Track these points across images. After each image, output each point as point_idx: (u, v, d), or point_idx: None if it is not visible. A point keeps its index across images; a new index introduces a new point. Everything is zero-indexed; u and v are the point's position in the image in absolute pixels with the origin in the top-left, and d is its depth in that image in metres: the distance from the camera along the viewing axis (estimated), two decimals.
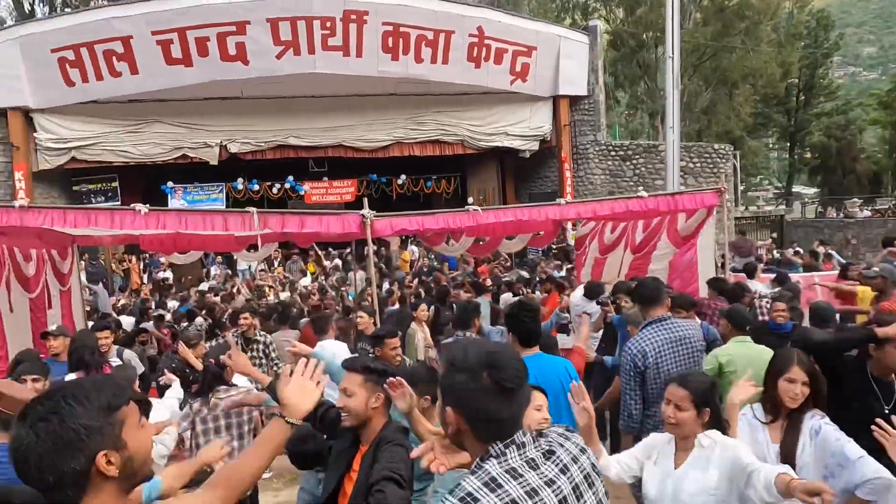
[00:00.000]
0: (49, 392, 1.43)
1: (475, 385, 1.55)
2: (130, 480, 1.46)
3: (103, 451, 1.37)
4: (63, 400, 1.37)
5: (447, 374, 1.62)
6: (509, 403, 1.57)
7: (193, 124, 16.85)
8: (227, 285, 14.69)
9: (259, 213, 6.42)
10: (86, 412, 1.37)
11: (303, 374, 1.91)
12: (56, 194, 17.12)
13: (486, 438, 1.58)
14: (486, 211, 7.31)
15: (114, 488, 1.41)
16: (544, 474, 1.55)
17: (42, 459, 1.33)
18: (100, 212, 6.30)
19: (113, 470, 1.38)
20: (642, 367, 3.93)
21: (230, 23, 14.84)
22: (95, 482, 1.38)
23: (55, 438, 1.33)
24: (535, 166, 19.64)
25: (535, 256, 16.42)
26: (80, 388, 1.41)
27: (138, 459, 1.45)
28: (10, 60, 15.02)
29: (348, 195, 18.56)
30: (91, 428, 1.36)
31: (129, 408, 1.46)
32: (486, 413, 1.56)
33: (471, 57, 16.76)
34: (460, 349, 1.64)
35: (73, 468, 1.34)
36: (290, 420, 1.84)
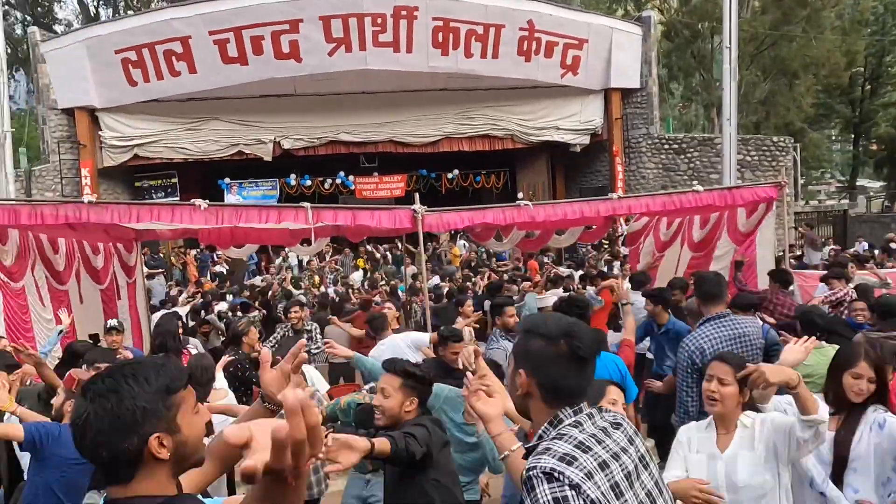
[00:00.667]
0: (111, 369, 1.43)
1: (551, 350, 1.63)
2: (181, 464, 1.45)
3: (157, 433, 1.37)
4: (123, 379, 1.37)
5: (524, 339, 1.70)
6: (581, 372, 1.65)
7: (248, 121, 17.27)
8: (277, 279, 15.02)
9: (313, 207, 6.57)
10: (143, 393, 1.36)
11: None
12: (119, 190, 17.80)
13: (553, 404, 1.65)
14: (537, 206, 7.28)
15: (165, 471, 1.41)
16: (617, 443, 1.62)
17: (98, 435, 1.35)
18: (162, 207, 6.54)
19: (165, 453, 1.38)
20: (700, 364, 3.86)
21: (284, 21, 15.14)
22: (147, 463, 1.38)
23: (112, 416, 1.34)
24: (585, 161, 19.40)
25: (586, 251, 16.23)
26: (141, 368, 1.41)
27: (190, 444, 1.44)
28: (77, 62, 15.70)
29: (398, 190, 18.71)
30: (147, 409, 1.36)
31: (185, 392, 1.45)
32: (558, 379, 1.64)
33: (521, 51, 16.66)
34: (540, 318, 1.73)
35: (127, 447, 1.35)
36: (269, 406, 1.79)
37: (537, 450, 1.58)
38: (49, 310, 6.92)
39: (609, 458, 1.56)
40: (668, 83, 31.96)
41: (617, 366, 4.02)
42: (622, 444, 1.62)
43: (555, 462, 1.51)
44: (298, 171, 18.66)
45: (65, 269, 7.40)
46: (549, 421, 1.64)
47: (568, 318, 1.74)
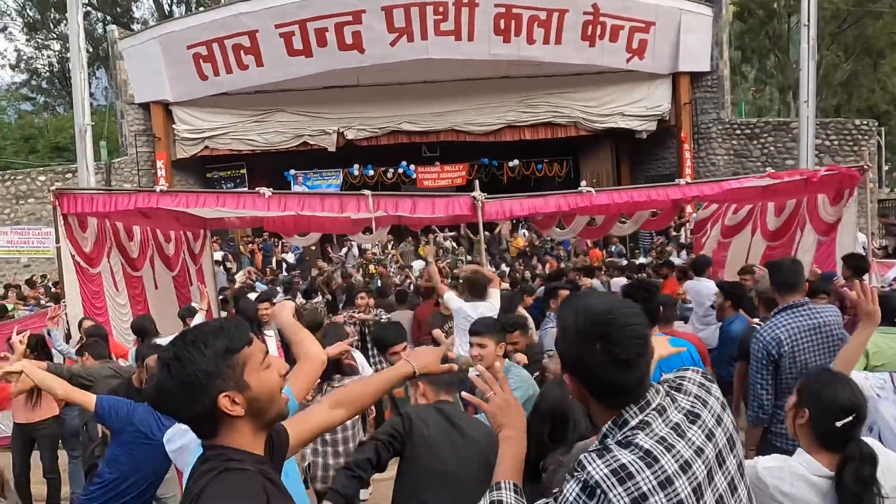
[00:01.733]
0: (175, 337, 1.51)
1: (590, 357, 1.44)
2: (261, 418, 1.50)
3: (225, 392, 1.42)
4: (184, 346, 1.44)
5: (561, 340, 1.52)
6: (630, 373, 1.44)
7: (313, 113, 17.60)
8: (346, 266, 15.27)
9: (374, 195, 6.61)
10: (203, 357, 1.42)
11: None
12: (192, 181, 18.47)
13: (612, 404, 1.47)
14: (600, 192, 7.10)
15: (247, 425, 1.47)
16: (692, 442, 1.43)
17: (174, 400, 1.43)
18: (227, 195, 6.74)
19: (238, 409, 1.43)
20: (776, 355, 3.64)
21: (347, 13, 15.31)
22: (225, 420, 1.44)
23: (181, 382, 1.41)
24: (652, 147, 18.85)
25: (654, 241, 15.78)
26: (200, 334, 1.47)
27: (264, 398, 1.48)
28: (152, 58, 16.36)
29: (459, 179, 18.69)
30: (209, 372, 1.41)
31: (251, 349, 1.48)
32: (606, 383, 1.45)
33: (585, 36, 16.29)
34: (572, 314, 1.51)
35: (200, 409, 1.42)
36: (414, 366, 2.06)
37: (596, 446, 1.47)
38: (123, 295, 7.24)
39: (677, 470, 1.37)
40: (740, 66, 30.65)
41: (690, 354, 3.86)
42: (699, 441, 1.44)
43: (605, 475, 1.35)
44: (361, 161, 18.90)
45: (139, 255, 7.73)
46: (613, 419, 1.47)
47: (603, 312, 1.47)
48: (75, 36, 9.64)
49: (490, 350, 3.50)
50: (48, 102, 32.97)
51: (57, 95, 32.41)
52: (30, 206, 17.76)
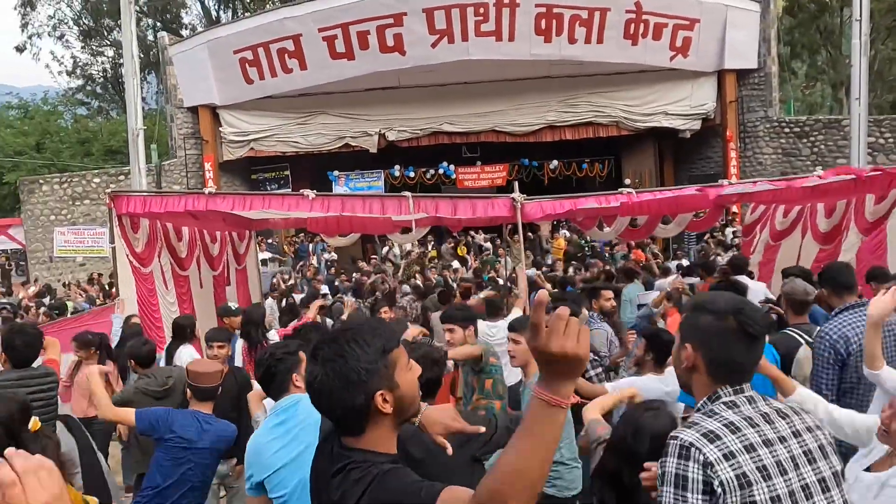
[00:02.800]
0: (334, 334, 1.60)
1: (721, 325, 1.65)
2: (401, 416, 1.57)
3: (380, 390, 1.49)
4: (346, 343, 1.52)
5: (692, 314, 1.74)
6: (749, 350, 1.67)
7: (355, 114, 17.85)
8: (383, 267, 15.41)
9: (414, 197, 6.70)
10: (365, 355, 1.50)
11: None
12: (238, 183, 18.93)
13: (716, 379, 1.67)
14: (641, 192, 7.04)
15: (389, 423, 1.54)
16: (777, 430, 1.63)
17: (331, 395, 1.51)
18: (273, 196, 6.93)
19: (388, 407, 1.51)
20: (844, 354, 3.61)
21: (389, 15, 15.49)
22: (374, 417, 1.51)
23: (341, 378, 1.49)
24: (696, 147, 18.52)
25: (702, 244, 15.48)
26: (360, 332, 1.54)
27: (408, 398, 1.56)
28: (200, 63, 16.83)
29: (500, 180, 18.69)
30: (370, 370, 1.49)
31: (399, 350, 1.56)
32: (725, 354, 1.66)
33: (627, 34, 16.11)
34: (710, 295, 1.77)
35: (356, 404, 1.49)
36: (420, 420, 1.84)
37: (687, 421, 1.66)
38: (172, 293, 7.49)
39: (759, 442, 1.58)
40: (789, 62, 29.83)
41: (772, 353, 3.85)
42: (784, 433, 1.63)
43: (696, 437, 1.57)
44: (402, 162, 19.07)
45: (186, 255, 7.98)
46: (708, 396, 1.67)
47: (739, 297, 1.77)
48: (129, 43, 10.00)
49: (459, 335, 4.28)
50: (102, 107, 34.19)
51: (110, 100, 33.58)
52: (85, 207, 18.47)
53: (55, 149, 25.21)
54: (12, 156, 24.15)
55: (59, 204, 18.62)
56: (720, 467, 1.53)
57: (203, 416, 3.30)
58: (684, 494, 1.55)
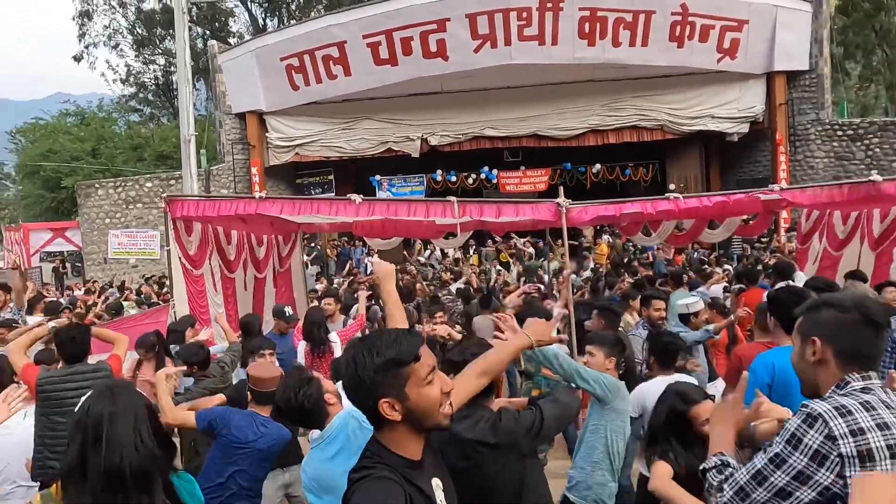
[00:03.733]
0: (359, 340, 1.73)
1: (846, 318, 1.75)
2: (418, 426, 1.63)
3: (385, 399, 1.58)
4: (360, 350, 1.62)
5: (815, 310, 1.83)
6: (876, 339, 1.77)
7: (398, 120, 18.02)
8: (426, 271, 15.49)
9: (459, 201, 6.73)
10: (373, 364, 1.58)
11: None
12: (282, 187, 19.30)
13: (845, 368, 1.75)
14: (688, 198, 6.95)
15: (403, 428, 1.62)
16: None
17: (351, 393, 1.66)
18: (321, 201, 7.06)
19: (396, 415, 1.59)
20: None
21: (432, 21, 15.62)
22: (387, 421, 1.61)
23: (353, 381, 1.62)
24: (744, 150, 18.13)
25: (742, 247, 15.16)
26: (376, 341, 1.63)
27: (420, 411, 1.60)
28: (248, 70, 17.25)
29: (542, 184, 18.61)
30: (374, 379, 1.58)
31: (417, 365, 1.60)
32: (855, 344, 1.74)
33: (673, 37, 15.89)
34: (829, 294, 1.88)
35: (366, 405, 1.63)
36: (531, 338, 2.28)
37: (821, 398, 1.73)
38: (220, 295, 7.69)
39: (893, 421, 1.62)
40: (842, 62, 28.98)
41: None
42: None
43: (827, 409, 1.64)
44: (444, 166, 19.16)
45: (235, 258, 8.19)
46: (835, 384, 1.74)
47: (858, 293, 1.92)
48: (182, 52, 10.32)
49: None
50: (154, 113, 35.28)
51: (161, 107, 34.63)
52: (138, 210, 19.09)
53: (109, 154, 26.09)
54: (69, 161, 25.10)
55: (113, 207, 19.29)
56: (843, 442, 1.59)
57: (261, 419, 3.35)
58: (792, 452, 1.65)
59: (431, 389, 1.62)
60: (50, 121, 30.03)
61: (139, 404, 1.85)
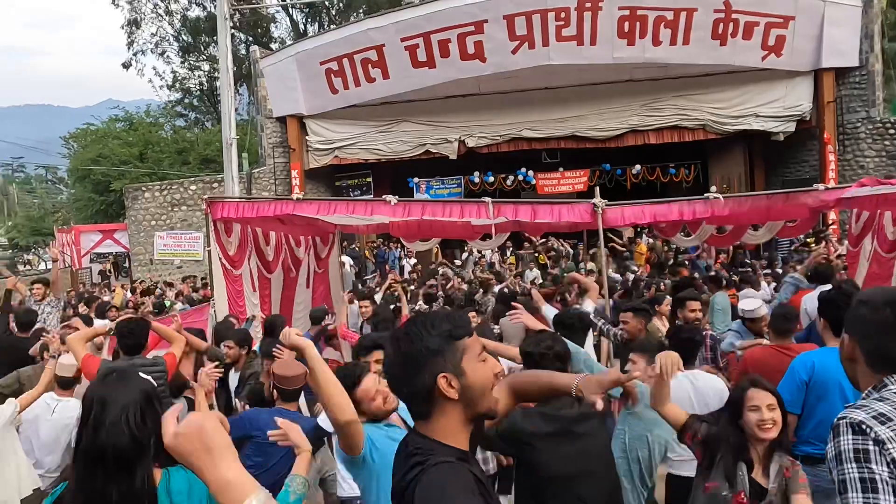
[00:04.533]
0: (408, 320, 1.68)
1: (875, 317, 1.69)
2: (471, 409, 1.56)
3: (443, 373, 1.51)
4: (415, 325, 1.58)
5: (855, 307, 1.78)
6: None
7: (435, 122, 18.09)
8: (467, 272, 15.50)
9: (494, 202, 6.73)
10: (430, 336, 1.53)
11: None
12: (322, 189, 19.56)
13: (877, 369, 1.70)
14: (729, 199, 6.80)
15: (458, 412, 1.54)
16: None
17: (399, 373, 1.58)
18: (357, 202, 7.14)
19: (453, 392, 1.51)
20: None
21: (469, 23, 15.63)
22: (441, 403, 1.53)
23: (406, 356, 1.55)
24: (790, 150, 17.64)
25: (789, 249, 14.74)
26: (429, 317, 1.60)
27: (476, 389, 1.54)
28: (288, 74, 17.54)
29: (580, 185, 18.44)
30: (432, 350, 1.52)
31: (471, 340, 1.57)
32: (882, 345, 1.68)
33: (715, 34, 15.57)
34: (872, 289, 1.84)
35: (420, 384, 1.53)
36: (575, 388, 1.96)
37: (854, 405, 1.68)
38: (257, 295, 7.84)
39: None
40: (894, 59, 27.92)
41: None
42: None
43: (866, 417, 1.58)
44: (482, 168, 19.15)
45: (273, 258, 8.34)
46: (873, 385, 1.70)
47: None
48: (224, 59, 10.56)
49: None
50: (198, 118, 36.14)
51: (205, 112, 35.46)
52: (182, 212, 19.59)
53: (156, 158, 26.82)
54: (118, 165, 25.89)
55: (159, 210, 19.84)
56: (892, 446, 1.55)
57: (287, 413, 3.44)
58: (869, 466, 1.54)
59: (486, 366, 1.59)
60: (100, 126, 31.04)
61: (135, 389, 1.86)
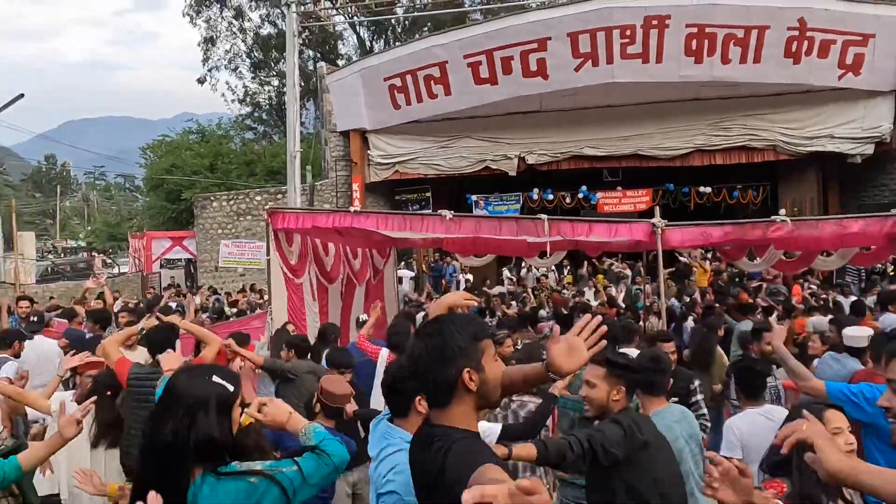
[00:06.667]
0: (435, 319, 1.92)
1: None
2: (484, 399, 1.82)
3: (468, 368, 1.74)
4: (445, 324, 1.81)
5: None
6: None
7: (495, 138, 18.10)
8: (519, 289, 15.38)
9: (549, 219, 6.65)
10: (460, 336, 1.77)
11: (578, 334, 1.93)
12: (381, 203, 19.81)
13: None
14: (797, 222, 6.51)
15: (471, 402, 1.79)
16: None
17: (427, 365, 1.78)
18: (413, 217, 7.18)
19: (473, 385, 1.75)
20: None
21: (533, 40, 15.63)
22: (460, 393, 1.76)
23: (437, 351, 1.77)
24: (868, 173, 16.81)
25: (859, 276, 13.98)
26: (458, 318, 1.85)
27: (490, 384, 1.79)
28: (353, 90, 17.92)
29: (642, 205, 18.05)
30: (462, 348, 1.76)
31: (488, 341, 1.82)
32: None
33: (789, 52, 15.05)
34: None
35: (446, 376, 1.75)
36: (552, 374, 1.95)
37: None
38: (317, 304, 7.97)
39: None
40: None
41: None
42: None
43: None
44: (541, 185, 19.01)
45: (332, 269, 8.48)
46: None
47: None
48: (291, 74, 10.89)
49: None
50: (266, 131, 37.35)
51: (273, 125, 36.61)
52: (247, 222, 20.20)
53: (225, 169, 27.82)
54: (190, 175, 26.98)
55: (225, 219, 20.53)
56: None
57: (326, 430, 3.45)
58: None
59: (498, 366, 1.84)
60: (175, 138, 32.45)
61: (195, 392, 1.93)
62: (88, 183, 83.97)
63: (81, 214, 70.54)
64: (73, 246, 50.46)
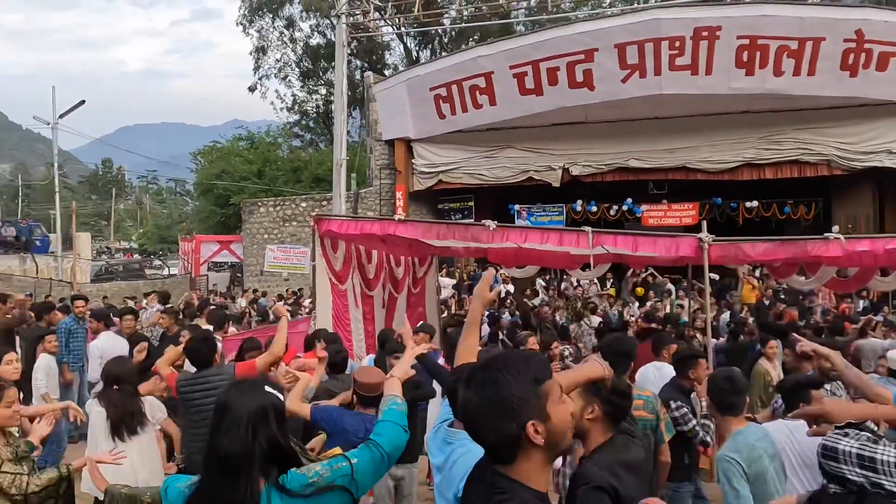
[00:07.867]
0: (486, 363, 1.64)
1: None
2: (554, 450, 1.58)
3: (532, 420, 1.51)
4: (499, 371, 1.55)
5: None
6: None
7: (540, 149, 18.05)
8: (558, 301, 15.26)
9: (594, 232, 6.62)
10: (517, 384, 1.52)
11: None
12: (424, 211, 19.95)
13: None
14: (852, 240, 6.32)
15: (541, 455, 1.55)
16: None
17: (484, 421, 1.55)
18: (456, 226, 7.24)
19: (539, 439, 1.52)
20: None
21: (579, 51, 15.55)
22: (526, 447, 1.53)
23: (493, 404, 1.52)
24: None
25: None
26: (512, 361, 1.58)
27: (560, 431, 1.56)
28: (399, 99, 18.13)
29: (688, 219, 17.73)
30: (522, 399, 1.52)
31: (551, 382, 1.57)
32: None
33: (845, 65, 14.63)
34: None
35: (508, 432, 1.52)
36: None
37: None
38: (360, 311, 8.08)
39: None
40: None
41: None
42: None
43: None
44: (584, 197, 18.88)
45: (374, 276, 8.58)
46: None
47: None
48: (340, 83, 11.10)
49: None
50: (313, 139, 38.04)
51: (320, 133, 37.27)
52: (293, 228, 20.59)
53: (272, 175, 28.42)
54: (239, 181, 27.66)
55: (272, 224, 20.96)
56: None
57: (367, 418, 3.61)
58: None
59: (566, 408, 1.59)
60: (225, 144, 33.32)
61: (253, 402, 1.92)
62: (142, 186, 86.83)
63: (134, 217, 72.91)
64: (126, 247, 52.17)
